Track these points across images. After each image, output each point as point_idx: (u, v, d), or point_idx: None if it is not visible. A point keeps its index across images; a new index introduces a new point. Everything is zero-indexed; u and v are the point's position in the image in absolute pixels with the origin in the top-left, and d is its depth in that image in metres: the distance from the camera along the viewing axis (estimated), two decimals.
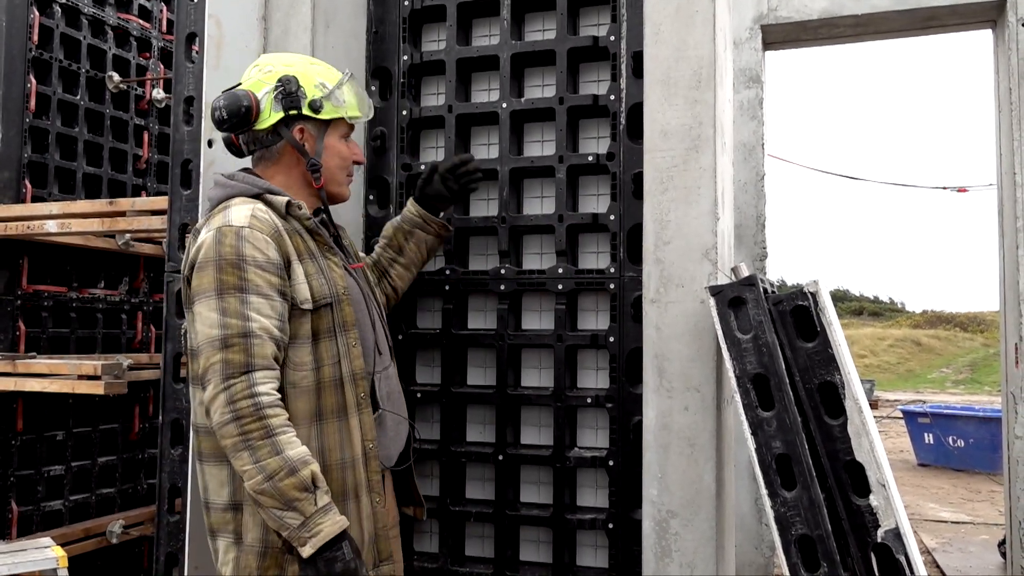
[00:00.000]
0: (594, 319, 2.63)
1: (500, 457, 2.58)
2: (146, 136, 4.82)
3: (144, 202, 3.53)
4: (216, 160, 2.39)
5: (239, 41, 2.49)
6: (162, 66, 4.93)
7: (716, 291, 2.01)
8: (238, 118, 1.94)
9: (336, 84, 2.05)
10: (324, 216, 2.10)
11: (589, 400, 2.51)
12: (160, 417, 2.37)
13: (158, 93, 4.84)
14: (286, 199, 1.95)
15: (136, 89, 4.75)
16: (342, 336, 1.96)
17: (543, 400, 2.57)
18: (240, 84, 2.03)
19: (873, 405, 14.94)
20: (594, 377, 2.63)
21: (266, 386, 1.77)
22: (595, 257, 2.64)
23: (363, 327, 2.06)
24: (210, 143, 2.37)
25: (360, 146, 2.31)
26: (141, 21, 4.75)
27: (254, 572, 1.84)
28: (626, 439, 2.45)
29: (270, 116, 1.97)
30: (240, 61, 2.50)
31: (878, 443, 1.89)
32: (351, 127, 2.12)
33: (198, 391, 1.89)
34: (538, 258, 2.70)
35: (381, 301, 2.26)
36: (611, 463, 2.47)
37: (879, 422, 13.36)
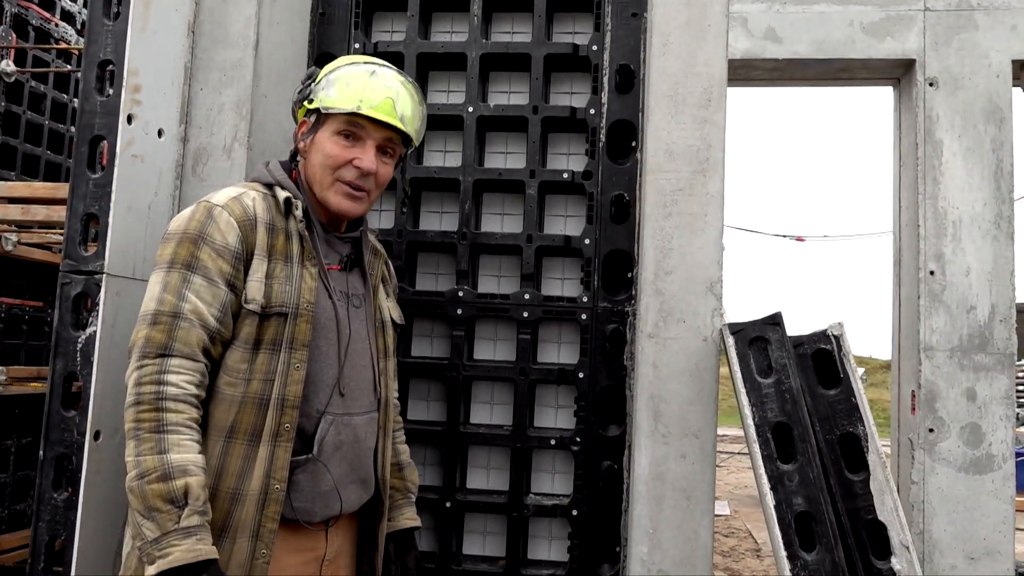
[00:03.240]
0: (555, 352, 2.40)
1: (447, 504, 2.28)
2: None
3: (2, 187, 2.95)
4: (136, 139, 1.97)
5: (169, 2, 2.08)
6: (14, 35, 4.26)
7: (736, 329, 1.83)
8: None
9: (329, 70, 1.79)
10: (315, 221, 1.82)
11: (553, 441, 2.26)
12: (42, 452, 1.89)
13: (8, 65, 4.17)
14: (287, 195, 1.77)
15: None
16: (286, 353, 1.68)
17: (499, 440, 2.30)
18: None
19: None
20: (553, 416, 2.38)
21: (178, 376, 1.59)
22: (560, 284, 2.41)
23: (323, 355, 1.74)
24: (129, 119, 1.95)
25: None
26: None
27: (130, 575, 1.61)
28: (594, 486, 2.22)
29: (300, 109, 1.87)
30: (168, 25, 2.10)
31: (899, 502, 1.77)
32: (353, 125, 1.77)
33: None
34: (495, 281, 2.43)
35: (384, 347, 1.92)
36: (574, 512, 2.23)
37: (717, 456, 13.89)
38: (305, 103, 1.81)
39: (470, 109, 2.38)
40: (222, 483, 1.62)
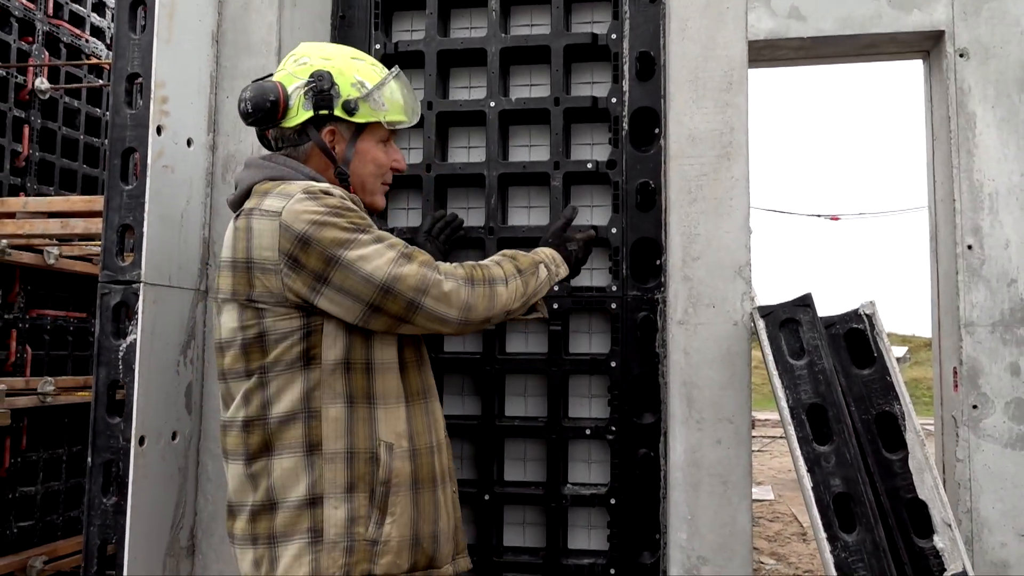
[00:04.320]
0: (586, 342, 2.40)
1: (486, 497, 2.30)
2: (26, 130, 4.23)
3: (39, 203, 3.03)
4: (166, 149, 2.01)
5: (192, 13, 2.12)
6: (47, 53, 4.36)
7: (766, 312, 1.82)
8: (263, 113, 1.74)
9: (376, 84, 1.80)
10: None
11: (588, 431, 2.27)
12: (90, 459, 1.95)
13: (42, 83, 4.27)
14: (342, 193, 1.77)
15: (16, 77, 4.17)
16: None
17: (535, 431, 2.31)
18: (271, 75, 1.83)
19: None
20: (587, 406, 2.39)
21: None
22: (589, 274, 2.41)
23: None
24: (159, 130, 1.99)
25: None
26: (25, 1, 4.18)
27: (340, 570, 1.59)
28: (630, 474, 2.22)
29: (298, 114, 1.76)
30: (192, 35, 2.14)
31: (940, 480, 1.75)
32: (392, 132, 1.87)
33: (283, 377, 1.64)
34: None
35: None
36: (612, 501, 2.24)
37: (759, 441, 13.79)
38: (338, 112, 1.76)
39: (492, 104, 2.39)
40: (418, 442, 1.71)
